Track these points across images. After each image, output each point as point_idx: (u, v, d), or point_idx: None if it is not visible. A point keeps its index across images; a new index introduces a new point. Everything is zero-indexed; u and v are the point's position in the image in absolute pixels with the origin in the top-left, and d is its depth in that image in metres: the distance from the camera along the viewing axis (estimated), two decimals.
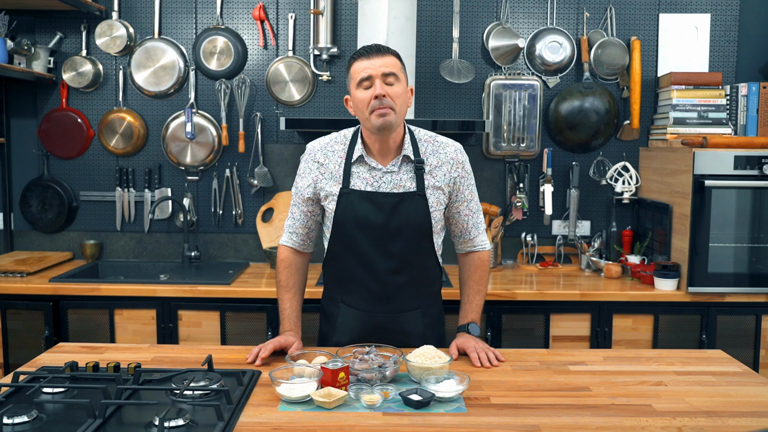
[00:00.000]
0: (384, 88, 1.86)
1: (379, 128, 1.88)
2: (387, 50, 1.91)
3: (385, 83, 1.87)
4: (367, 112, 1.88)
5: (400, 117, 1.91)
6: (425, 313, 2.07)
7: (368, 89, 1.88)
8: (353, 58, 1.92)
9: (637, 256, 3.12)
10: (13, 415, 1.43)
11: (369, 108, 1.87)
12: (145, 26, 3.34)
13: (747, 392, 1.71)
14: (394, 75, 1.88)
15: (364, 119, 1.91)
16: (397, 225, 1.95)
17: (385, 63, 1.87)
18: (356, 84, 1.89)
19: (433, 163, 1.99)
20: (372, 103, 1.86)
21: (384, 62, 1.88)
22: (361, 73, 1.88)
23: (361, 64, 1.88)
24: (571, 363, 1.92)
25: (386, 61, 1.88)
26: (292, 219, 2.09)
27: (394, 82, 1.88)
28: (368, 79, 1.87)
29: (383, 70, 1.87)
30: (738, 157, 2.77)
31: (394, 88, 1.88)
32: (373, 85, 1.87)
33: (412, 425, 1.49)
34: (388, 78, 1.88)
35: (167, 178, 3.41)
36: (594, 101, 3.27)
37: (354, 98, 1.93)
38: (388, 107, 1.86)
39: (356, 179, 1.97)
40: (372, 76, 1.86)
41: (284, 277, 2.08)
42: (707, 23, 3.33)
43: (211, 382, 1.65)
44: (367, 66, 1.87)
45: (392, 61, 1.90)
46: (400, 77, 1.90)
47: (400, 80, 1.90)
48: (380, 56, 1.88)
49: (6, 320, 2.88)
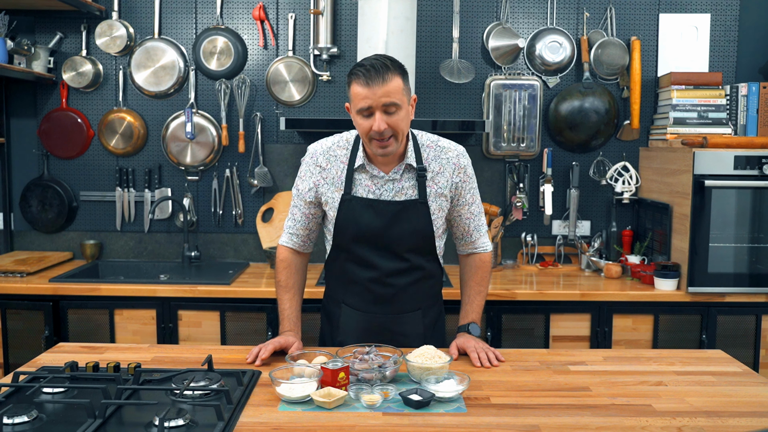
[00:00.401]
0: (384, 120, 1.80)
1: (380, 155, 1.88)
2: (387, 72, 1.79)
3: (386, 113, 1.81)
4: (366, 139, 1.86)
5: (401, 140, 1.87)
6: (426, 314, 2.07)
7: (368, 118, 1.82)
8: (352, 76, 1.82)
9: (637, 256, 3.12)
10: (13, 415, 1.43)
11: (369, 136, 1.84)
12: (145, 26, 3.34)
13: (747, 392, 1.71)
14: (395, 104, 1.80)
15: (365, 141, 1.89)
16: (398, 232, 1.95)
17: (386, 92, 1.78)
18: (356, 110, 1.83)
19: (435, 169, 1.97)
20: (372, 133, 1.82)
21: (385, 91, 1.78)
22: (360, 102, 1.80)
23: (361, 91, 1.79)
24: (571, 363, 1.92)
25: (387, 89, 1.78)
26: (292, 220, 2.08)
27: (395, 111, 1.81)
28: (368, 108, 1.80)
29: (384, 101, 1.79)
30: (738, 157, 2.77)
31: (394, 117, 1.81)
32: (373, 116, 1.81)
33: (412, 425, 1.49)
34: (390, 108, 1.80)
35: (167, 178, 3.41)
36: (594, 101, 3.27)
37: (354, 119, 1.87)
38: (389, 138, 1.83)
39: (358, 186, 1.96)
40: (372, 107, 1.80)
41: (284, 277, 2.08)
42: (707, 23, 3.33)
43: (211, 382, 1.65)
44: (367, 95, 1.78)
45: (394, 86, 1.79)
46: (401, 103, 1.82)
47: (402, 106, 1.83)
48: (381, 84, 1.77)
49: (6, 320, 2.88)
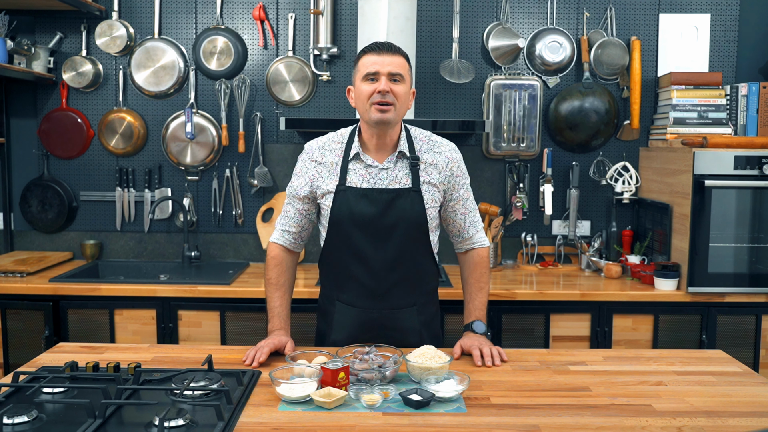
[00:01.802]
0: (388, 85, 1.90)
1: (377, 122, 1.91)
2: (398, 50, 1.95)
3: (391, 80, 1.91)
4: (368, 104, 1.92)
5: (399, 115, 1.95)
6: (421, 310, 2.08)
7: (373, 83, 1.92)
8: (363, 52, 1.96)
9: (637, 256, 3.12)
10: (13, 415, 1.43)
11: (370, 101, 1.91)
12: (145, 26, 3.34)
13: (747, 392, 1.71)
14: (401, 75, 1.92)
15: (364, 110, 1.94)
16: (392, 221, 1.96)
17: (393, 62, 1.91)
18: (362, 76, 1.93)
19: (428, 161, 2.01)
20: (374, 96, 1.90)
21: (393, 61, 1.91)
22: (369, 67, 1.91)
23: (370, 58, 1.92)
24: (571, 363, 1.92)
25: (395, 61, 1.92)
26: (285, 217, 2.10)
27: (399, 81, 1.92)
28: (375, 74, 1.91)
29: (390, 69, 1.91)
30: (738, 157, 2.77)
31: (398, 86, 1.92)
32: (378, 81, 1.90)
33: (412, 425, 1.49)
34: (394, 77, 1.92)
35: (167, 178, 3.41)
36: (594, 101, 3.27)
37: (357, 89, 1.96)
38: (389, 103, 1.90)
39: (352, 176, 1.99)
40: (379, 72, 1.91)
41: (274, 275, 2.09)
42: (707, 23, 3.33)
43: (211, 382, 1.65)
44: (376, 61, 1.91)
45: (401, 62, 1.93)
46: (405, 78, 1.94)
47: (405, 81, 1.95)
48: (390, 55, 1.92)
49: (6, 320, 2.88)
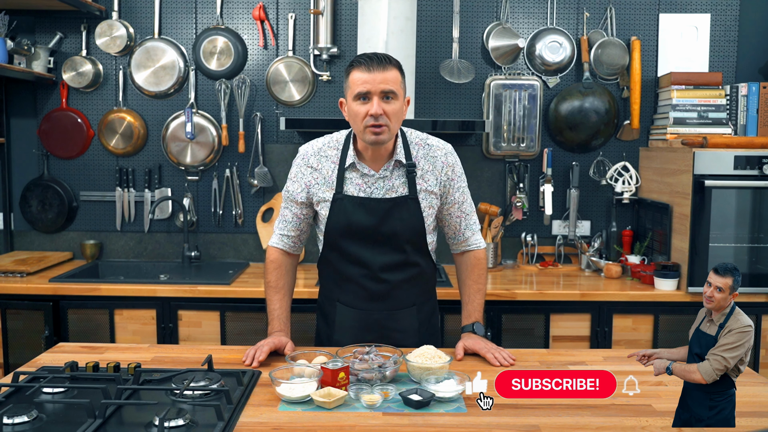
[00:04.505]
0: (381, 106, 1.82)
1: (371, 143, 1.88)
2: (388, 62, 1.85)
3: (382, 100, 1.83)
4: (361, 126, 1.86)
5: (393, 132, 1.89)
6: (420, 309, 2.08)
7: (365, 103, 1.83)
8: (353, 65, 1.86)
9: (637, 256, 3.12)
10: (13, 415, 1.44)
11: (363, 123, 1.85)
12: (145, 26, 3.33)
13: (747, 392, 1.70)
14: (393, 92, 1.83)
15: (358, 130, 1.89)
16: (390, 229, 1.95)
17: (385, 79, 1.82)
18: (353, 95, 1.84)
19: (424, 167, 1.98)
20: (367, 119, 1.83)
21: (384, 78, 1.82)
22: (359, 86, 1.82)
23: (361, 76, 1.82)
24: (571, 363, 1.92)
25: (386, 77, 1.82)
26: (283, 221, 2.08)
27: (392, 99, 1.84)
28: (366, 93, 1.82)
29: (382, 87, 1.82)
30: (738, 157, 2.77)
31: (391, 105, 1.84)
32: (370, 101, 1.83)
33: (412, 425, 1.49)
34: (387, 95, 1.83)
35: (167, 178, 3.41)
36: (594, 101, 3.27)
37: (349, 107, 1.89)
38: (383, 125, 1.84)
39: (349, 185, 1.96)
40: (371, 92, 1.82)
41: (274, 278, 2.08)
42: (707, 23, 3.33)
43: (211, 382, 1.65)
44: (367, 80, 1.81)
45: (393, 76, 1.84)
46: (398, 93, 1.85)
47: (398, 97, 1.86)
48: (381, 71, 1.82)
49: (6, 320, 2.88)
